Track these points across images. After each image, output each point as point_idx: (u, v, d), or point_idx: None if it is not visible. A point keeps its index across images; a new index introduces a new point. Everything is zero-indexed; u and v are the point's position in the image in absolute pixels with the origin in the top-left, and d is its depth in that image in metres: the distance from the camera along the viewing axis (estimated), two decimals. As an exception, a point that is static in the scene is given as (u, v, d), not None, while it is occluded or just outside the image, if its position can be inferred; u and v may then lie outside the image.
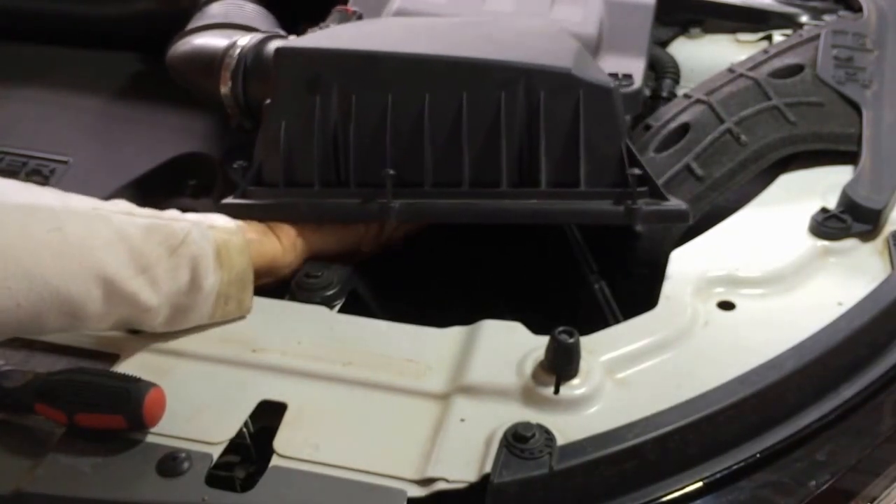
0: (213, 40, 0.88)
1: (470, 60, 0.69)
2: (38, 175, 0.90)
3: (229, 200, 0.72)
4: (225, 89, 0.84)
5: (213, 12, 0.98)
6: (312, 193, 0.71)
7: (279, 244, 0.69)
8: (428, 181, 0.70)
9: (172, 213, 0.63)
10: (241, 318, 0.65)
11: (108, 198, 0.62)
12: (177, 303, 0.60)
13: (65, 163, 0.91)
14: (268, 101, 0.72)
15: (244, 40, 0.85)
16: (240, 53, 0.84)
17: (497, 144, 0.69)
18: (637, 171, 0.67)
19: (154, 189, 0.89)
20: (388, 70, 0.69)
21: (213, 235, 0.63)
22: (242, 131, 0.83)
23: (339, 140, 0.70)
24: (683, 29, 1.09)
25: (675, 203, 0.69)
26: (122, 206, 0.61)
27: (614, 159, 0.69)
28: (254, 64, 0.83)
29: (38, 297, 0.54)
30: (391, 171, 0.68)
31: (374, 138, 0.69)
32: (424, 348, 0.61)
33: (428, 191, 0.70)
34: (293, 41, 0.79)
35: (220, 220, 0.66)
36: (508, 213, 0.69)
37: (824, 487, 0.54)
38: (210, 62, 0.85)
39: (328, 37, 0.78)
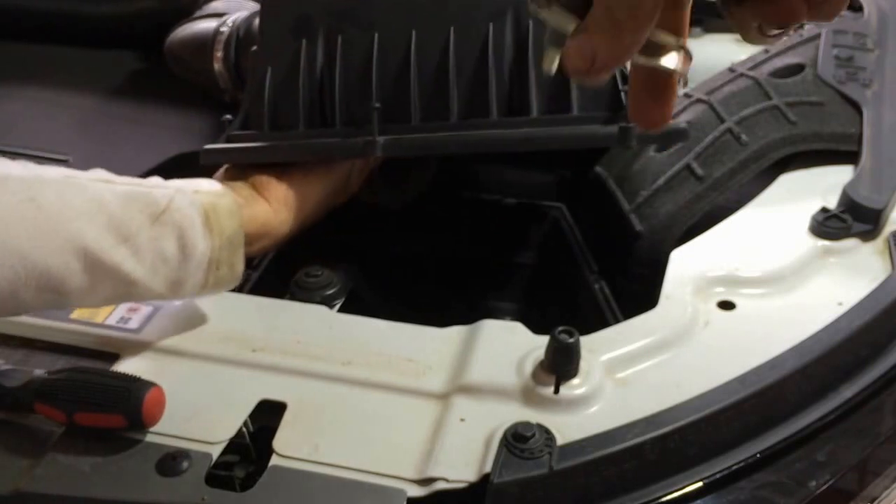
0: (207, 23, 0.89)
1: None
2: (38, 174, 0.90)
3: (211, 146, 0.71)
4: (218, 65, 0.84)
5: (212, 8, 0.98)
6: (297, 135, 0.70)
7: (268, 205, 0.68)
8: (416, 116, 0.69)
9: (154, 181, 0.61)
10: (245, 316, 0.65)
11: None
12: (166, 275, 0.58)
13: (64, 161, 0.91)
14: (254, 48, 0.72)
15: (235, 16, 0.86)
16: (231, 28, 0.84)
17: (486, 76, 0.68)
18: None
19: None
20: (373, 9, 0.69)
21: (200, 200, 0.61)
22: (236, 105, 0.83)
23: (325, 82, 0.70)
24: (684, 28, 1.09)
25: (672, 122, 0.68)
26: (100, 174, 0.59)
27: (607, 83, 0.67)
28: (246, 36, 0.83)
29: (12, 273, 0.52)
30: (377, 105, 0.67)
31: (360, 78, 0.69)
32: (424, 348, 0.61)
33: (416, 125, 0.69)
34: None
35: (206, 184, 0.64)
36: (499, 141, 0.68)
37: (824, 488, 0.54)
38: (204, 41, 0.86)
39: None
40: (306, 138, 0.70)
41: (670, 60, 0.41)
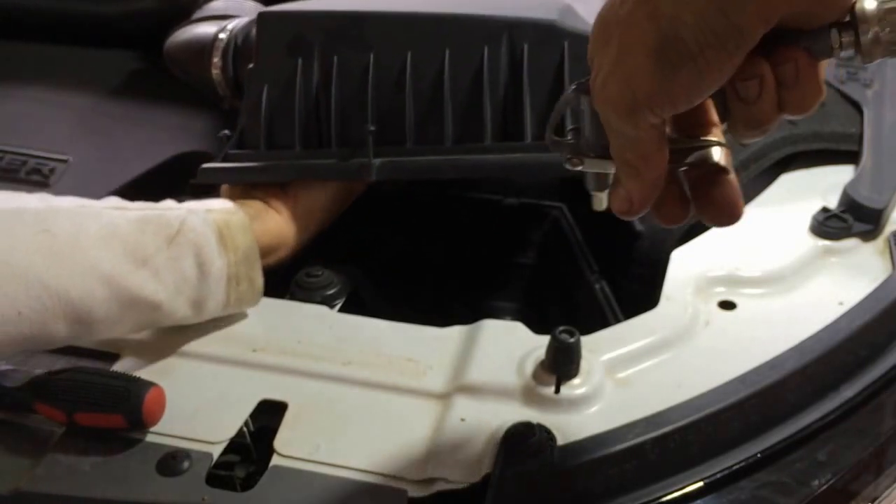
0: (207, 27, 0.89)
1: (453, 16, 0.69)
2: (38, 174, 0.90)
3: (210, 165, 0.71)
4: (216, 71, 0.84)
5: (212, 8, 0.98)
6: (293, 155, 0.70)
7: (279, 216, 0.69)
8: (410, 139, 0.69)
9: (167, 203, 0.62)
10: (245, 316, 0.65)
11: (108, 196, 0.62)
12: (188, 295, 0.59)
13: (65, 161, 0.91)
14: (250, 65, 0.72)
15: (234, 23, 0.86)
16: (230, 35, 0.84)
17: (480, 100, 0.68)
18: None
19: (154, 187, 0.89)
20: (369, 30, 0.69)
21: (213, 218, 0.62)
22: (234, 112, 0.83)
23: (321, 102, 0.70)
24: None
25: None
26: (112, 202, 0.60)
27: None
28: (244, 44, 0.83)
29: (39, 304, 0.53)
30: (372, 128, 0.67)
31: (355, 99, 0.69)
32: (425, 348, 0.61)
33: (410, 148, 0.69)
34: (276, 7, 0.79)
35: (217, 203, 0.65)
36: (492, 166, 0.68)
37: (825, 487, 0.54)
38: (203, 47, 0.86)
39: (312, 1, 0.77)
40: (302, 158, 0.70)
41: (714, 154, 0.47)
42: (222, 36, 0.85)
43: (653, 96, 0.42)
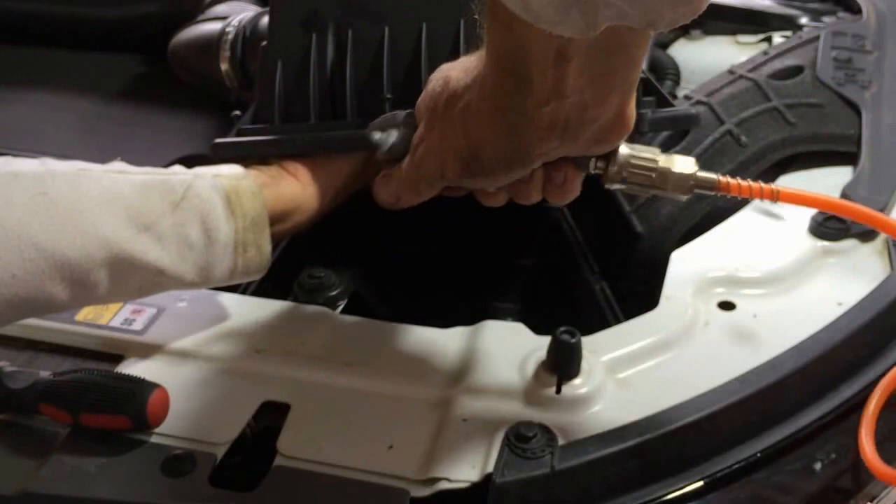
0: (212, 25, 0.90)
1: None
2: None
3: (222, 140, 0.71)
4: (225, 65, 0.84)
5: (216, 11, 0.99)
6: (309, 127, 0.70)
7: (296, 180, 0.67)
8: None
9: (174, 168, 0.61)
10: (248, 318, 0.65)
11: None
12: (194, 261, 0.58)
13: (68, 165, 0.92)
14: (263, 43, 0.72)
15: (241, 16, 0.86)
16: (238, 27, 0.85)
17: None
18: (642, 74, 0.65)
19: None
20: (383, 3, 0.69)
21: (220, 183, 0.60)
22: (242, 105, 0.83)
23: (336, 76, 0.70)
24: (684, 31, 1.09)
25: (682, 108, 0.68)
26: (115, 165, 0.59)
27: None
28: (252, 35, 0.83)
29: (33, 266, 0.52)
30: (389, 96, 0.67)
31: (371, 71, 0.69)
32: (426, 348, 0.61)
33: None
34: None
35: (226, 169, 0.64)
36: None
37: (824, 486, 0.55)
38: (210, 42, 0.86)
39: None
40: (318, 131, 0.70)
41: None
42: (229, 29, 0.85)
43: (457, 181, 0.58)
